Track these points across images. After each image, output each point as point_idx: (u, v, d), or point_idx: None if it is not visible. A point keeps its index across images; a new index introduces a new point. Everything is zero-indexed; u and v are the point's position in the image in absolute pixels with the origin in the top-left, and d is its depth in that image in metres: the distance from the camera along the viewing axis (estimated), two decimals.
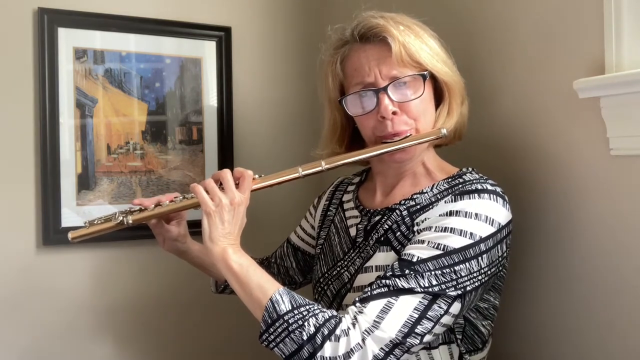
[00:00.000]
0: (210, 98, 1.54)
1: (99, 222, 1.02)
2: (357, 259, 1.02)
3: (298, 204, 1.48)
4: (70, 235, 1.01)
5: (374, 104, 0.97)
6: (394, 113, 0.96)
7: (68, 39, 1.38)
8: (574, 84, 0.92)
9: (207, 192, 0.96)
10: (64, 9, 1.37)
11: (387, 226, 0.99)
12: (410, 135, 0.97)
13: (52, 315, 1.39)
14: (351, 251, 1.04)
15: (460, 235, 0.87)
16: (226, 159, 1.54)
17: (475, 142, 1.15)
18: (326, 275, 1.08)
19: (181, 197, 1.03)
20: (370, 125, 1.00)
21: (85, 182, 1.41)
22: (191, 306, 1.53)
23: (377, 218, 1.02)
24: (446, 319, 0.86)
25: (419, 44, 0.97)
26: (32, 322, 1.37)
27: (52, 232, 1.36)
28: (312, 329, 0.83)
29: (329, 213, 1.16)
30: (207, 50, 1.53)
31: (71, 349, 1.41)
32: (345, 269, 1.04)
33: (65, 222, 1.37)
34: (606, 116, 0.90)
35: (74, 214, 1.39)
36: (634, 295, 0.89)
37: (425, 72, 0.97)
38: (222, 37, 1.54)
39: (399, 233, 0.97)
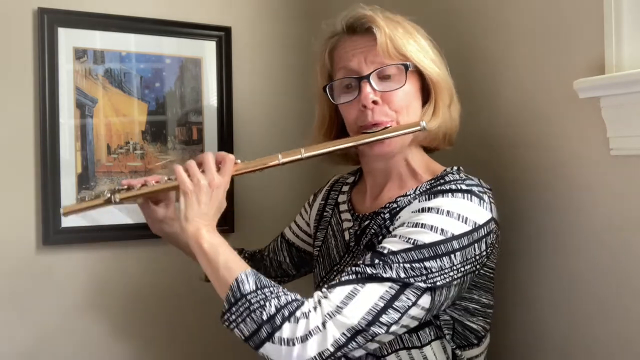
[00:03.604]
0: (210, 98, 1.54)
1: (89, 199, 1.07)
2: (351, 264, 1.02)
3: (294, 198, 1.48)
4: (62, 209, 1.08)
5: (356, 92, 0.97)
6: (374, 102, 0.96)
7: (68, 39, 1.38)
8: (574, 84, 0.92)
9: (187, 173, 0.96)
10: (64, 9, 1.37)
11: (373, 231, 1.00)
12: (390, 127, 0.97)
13: (52, 315, 1.39)
14: (346, 255, 1.05)
15: (431, 230, 0.87)
16: None
17: (474, 142, 1.15)
18: (324, 279, 1.09)
19: (166, 179, 1.04)
20: (353, 116, 1.00)
21: (85, 182, 1.41)
22: (193, 305, 1.53)
23: (366, 223, 1.02)
24: (415, 311, 0.85)
25: (407, 38, 0.97)
26: (32, 322, 1.37)
27: (52, 232, 1.36)
28: (273, 310, 0.84)
29: (325, 214, 1.16)
30: (207, 50, 1.53)
31: (71, 348, 1.41)
32: (340, 273, 1.04)
33: (65, 222, 1.37)
34: (606, 116, 0.90)
35: (74, 213, 1.39)
36: (633, 293, 0.89)
37: (408, 63, 0.96)
38: (222, 37, 1.54)
39: (381, 237, 0.97)
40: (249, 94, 1.59)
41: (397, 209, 0.97)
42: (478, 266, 0.92)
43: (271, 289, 0.87)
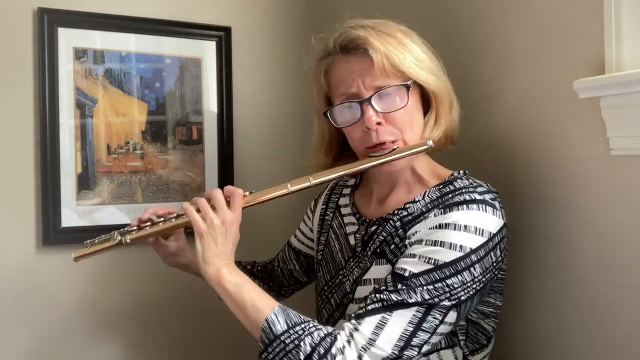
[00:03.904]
0: (210, 98, 1.54)
1: (99, 241, 1.06)
2: (356, 269, 1.02)
3: (297, 205, 1.48)
4: (73, 255, 1.07)
5: (359, 115, 0.96)
6: (378, 124, 0.96)
7: (68, 39, 1.38)
8: (574, 84, 0.92)
9: (199, 211, 0.96)
10: (64, 9, 1.37)
11: (382, 237, 0.99)
12: (397, 148, 0.97)
13: (52, 315, 1.39)
14: (351, 260, 1.05)
15: (450, 248, 0.87)
16: (226, 159, 1.54)
17: (475, 142, 1.15)
18: (330, 283, 1.08)
19: (175, 215, 1.04)
20: (357, 137, 0.99)
21: (85, 182, 1.41)
22: (193, 306, 1.53)
23: (374, 228, 1.02)
24: (443, 328, 0.87)
25: (402, 53, 0.95)
26: (31, 323, 1.37)
27: (52, 232, 1.36)
28: (309, 349, 0.84)
29: (326, 217, 1.16)
30: (207, 50, 1.53)
31: (71, 349, 1.41)
32: (346, 278, 1.04)
33: (65, 222, 1.37)
34: (606, 116, 0.90)
35: (74, 214, 1.39)
36: (634, 293, 0.89)
37: (409, 82, 0.96)
38: (222, 37, 1.54)
39: (393, 245, 0.97)
40: (249, 93, 1.59)
41: (408, 217, 0.97)
42: (496, 272, 0.93)
43: (302, 325, 0.87)
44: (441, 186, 0.98)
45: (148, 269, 1.48)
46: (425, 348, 0.86)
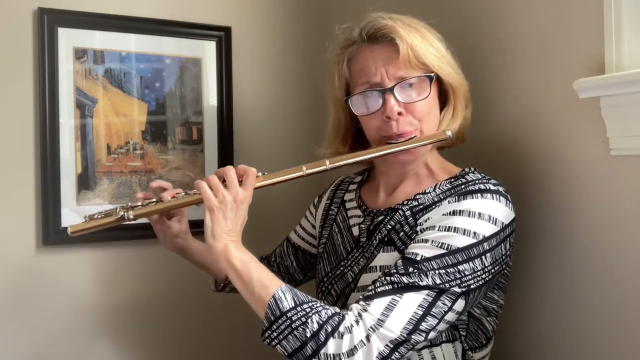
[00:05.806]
0: (210, 98, 1.54)
1: (99, 216, 1.02)
2: (361, 259, 1.02)
3: (299, 202, 1.48)
4: (69, 229, 1.01)
5: (380, 104, 0.98)
6: (399, 114, 0.97)
7: (68, 39, 1.38)
8: (574, 84, 0.92)
9: (210, 188, 0.96)
10: (64, 9, 1.37)
11: (390, 226, 0.99)
12: (415, 136, 0.98)
13: (52, 315, 1.39)
14: (355, 251, 1.05)
15: (464, 234, 0.88)
16: (226, 159, 1.54)
17: (475, 142, 1.15)
18: (330, 274, 1.08)
19: (184, 193, 1.03)
20: (375, 126, 1.00)
21: (85, 182, 1.41)
22: (194, 306, 1.53)
23: (380, 218, 1.02)
24: (450, 316, 0.87)
25: (426, 46, 0.97)
26: (32, 323, 1.37)
27: (52, 232, 1.36)
28: (316, 326, 0.84)
29: (330, 212, 1.16)
30: (207, 50, 1.53)
31: (72, 349, 1.41)
32: (349, 268, 1.04)
33: (65, 222, 1.37)
34: (606, 116, 0.90)
35: (74, 214, 1.39)
36: (634, 293, 0.89)
37: (432, 74, 0.97)
38: (222, 37, 1.54)
39: (402, 233, 0.97)
40: (249, 93, 1.59)
41: (419, 206, 0.98)
42: (504, 265, 0.93)
43: (310, 304, 0.87)
44: (452, 179, 0.99)
45: (149, 268, 1.48)
46: (431, 334, 0.86)
